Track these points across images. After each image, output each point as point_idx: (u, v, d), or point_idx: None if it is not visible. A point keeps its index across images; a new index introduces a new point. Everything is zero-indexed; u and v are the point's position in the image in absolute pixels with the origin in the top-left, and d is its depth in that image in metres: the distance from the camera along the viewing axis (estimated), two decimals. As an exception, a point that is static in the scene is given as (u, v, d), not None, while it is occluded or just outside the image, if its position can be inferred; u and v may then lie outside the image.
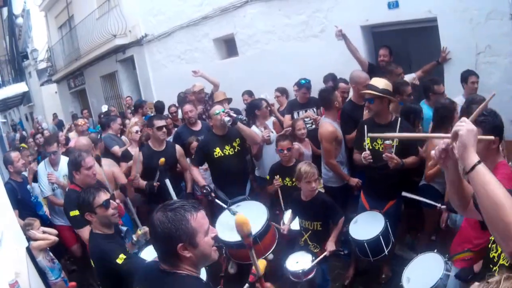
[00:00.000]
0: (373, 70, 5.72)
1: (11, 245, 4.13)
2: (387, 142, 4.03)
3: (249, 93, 7.51)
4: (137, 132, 6.55)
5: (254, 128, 5.67)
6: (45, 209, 6.01)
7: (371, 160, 4.18)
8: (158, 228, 1.88)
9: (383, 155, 4.04)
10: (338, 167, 4.99)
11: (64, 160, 5.24)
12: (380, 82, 4.23)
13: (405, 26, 6.26)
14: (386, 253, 3.99)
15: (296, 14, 7.61)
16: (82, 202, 3.23)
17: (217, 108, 5.08)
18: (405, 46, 6.46)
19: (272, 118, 6.38)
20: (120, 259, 2.97)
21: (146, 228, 3.58)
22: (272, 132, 5.70)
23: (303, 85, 6.21)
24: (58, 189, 5.46)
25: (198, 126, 6.22)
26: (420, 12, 5.88)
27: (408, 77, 5.51)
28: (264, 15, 8.21)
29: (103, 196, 3.22)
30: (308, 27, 7.49)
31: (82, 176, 4.14)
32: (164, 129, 5.38)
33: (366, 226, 4.08)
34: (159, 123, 5.26)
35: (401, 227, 4.87)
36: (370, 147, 4.29)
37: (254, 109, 6.00)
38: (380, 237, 3.89)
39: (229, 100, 6.90)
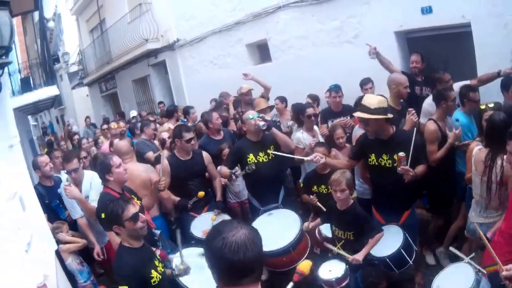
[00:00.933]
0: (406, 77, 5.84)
1: (40, 248, 4.26)
2: (401, 154, 3.98)
3: (282, 98, 7.59)
4: (163, 139, 6.78)
5: (299, 134, 5.74)
6: (67, 214, 5.95)
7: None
8: (257, 239, 1.82)
9: (398, 169, 4.00)
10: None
11: (87, 178, 5.18)
12: (373, 100, 4.20)
13: (439, 31, 6.43)
14: (411, 263, 4.08)
15: (330, 19, 7.90)
16: (110, 214, 3.30)
17: (251, 113, 5.18)
18: (440, 52, 6.62)
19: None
20: (153, 274, 3.21)
21: (186, 265, 3.67)
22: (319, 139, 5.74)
23: (332, 89, 6.49)
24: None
25: (220, 135, 6.34)
26: (454, 17, 6.04)
27: (457, 86, 5.46)
28: (297, 20, 8.54)
29: (131, 209, 3.28)
30: (342, 33, 7.76)
31: (115, 176, 4.27)
32: (193, 141, 5.49)
33: (386, 241, 4.07)
34: (187, 135, 5.28)
35: (430, 236, 5.13)
36: (376, 163, 4.33)
37: (299, 113, 6.02)
38: (402, 250, 3.96)
39: (271, 108, 7.05)
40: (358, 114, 4.31)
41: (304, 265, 2.82)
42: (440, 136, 4.67)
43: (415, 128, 4.35)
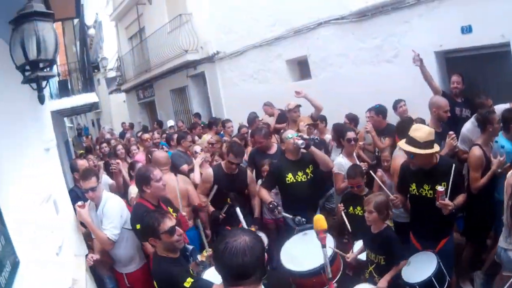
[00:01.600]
0: (446, 98, 5.87)
1: (71, 252, 4.35)
2: (439, 188, 4.01)
3: (321, 117, 7.82)
4: (198, 152, 7.01)
5: (340, 159, 5.80)
6: None
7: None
8: (256, 246, 2.03)
9: (437, 204, 4.04)
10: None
11: (102, 201, 4.74)
12: (422, 134, 4.20)
13: (479, 51, 6.55)
14: None
15: (370, 38, 8.16)
16: (146, 226, 3.46)
17: (290, 132, 5.38)
18: (479, 73, 6.76)
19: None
20: (188, 282, 3.21)
21: (210, 251, 3.91)
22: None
23: (371, 109, 6.82)
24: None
25: (273, 149, 6.45)
26: (493, 37, 6.15)
27: (499, 108, 5.43)
28: (337, 37, 8.83)
29: (168, 223, 3.41)
30: (381, 52, 8.00)
31: (152, 189, 4.48)
32: (235, 166, 5.61)
33: (418, 267, 4.13)
34: (234, 160, 5.52)
35: (464, 263, 5.17)
36: (417, 193, 4.38)
37: (339, 136, 6.19)
38: (433, 278, 3.97)
39: (315, 126, 7.15)
40: (407, 147, 4.25)
41: (320, 224, 3.22)
42: (485, 162, 4.70)
43: (453, 165, 4.26)
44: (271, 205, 5.08)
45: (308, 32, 9.52)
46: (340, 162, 5.77)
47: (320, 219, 3.18)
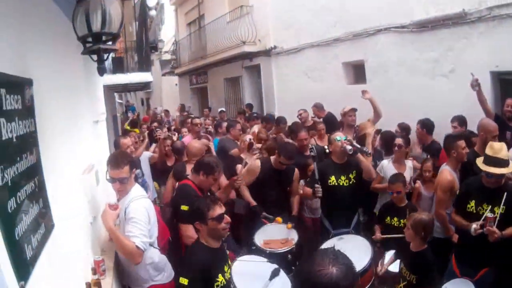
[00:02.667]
0: (498, 121, 5.96)
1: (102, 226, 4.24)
2: (489, 215, 4.05)
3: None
4: (250, 140, 6.88)
5: (385, 161, 6.07)
6: (148, 194, 6.09)
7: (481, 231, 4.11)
8: (341, 282, 1.88)
9: (484, 229, 4.05)
10: (446, 219, 5.08)
11: (125, 202, 3.89)
12: (504, 151, 4.25)
13: None
14: None
15: (428, 50, 8.38)
16: (196, 210, 3.53)
17: (338, 135, 5.44)
18: None
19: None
20: (220, 278, 3.42)
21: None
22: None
23: (420, 122, 6.93)
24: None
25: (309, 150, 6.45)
26: None
27: None
28: (396, 46, 9.10)
29: (218, 210, 3.47)
30: (438, 65, 8.21)
31: (206, 181, 4.63)
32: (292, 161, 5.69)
33: None
34: (287, 162, 5.58)
35: None
36: (474, 211, 4.37)
37: (388, 142, 6.45)
38: None
39: (378, 132, 7.15)
40: (501, 171, 4.18)
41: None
42: None
43: (506, 193, 4.19)
44: (317, 192, 5.22)
45: (367, 37, 9.82)
46: (383, 163, 6.09)
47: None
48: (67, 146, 3.61)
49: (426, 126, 7.02)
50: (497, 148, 4.30)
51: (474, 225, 4.14)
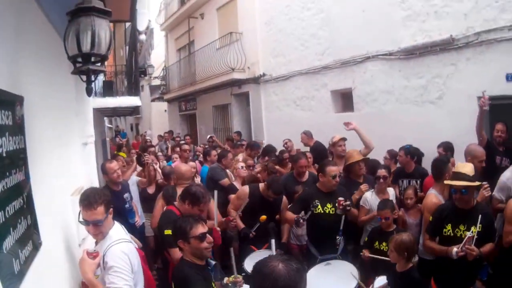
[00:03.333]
0: (489, 146, 6.06)
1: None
2: (469, 234, 4.16)
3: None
4: (242, 168, 7.12)
5: (368, 194, 5.98)
6: (137, 218, 6.46)
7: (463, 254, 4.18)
8: (278, 281, 2.00)
9: (463, 248, 4.13)
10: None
11: (115, 249, 3.35)
12: (470, 168, 4.46)
13: None
14: None
15: (416, 77, 8.47)
16: (178, 228, 3.55)
17: (335, 171, 5.49)
18: None
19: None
20: None
21: (239, 278, 3.97)
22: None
23: (401, 149, 6.92)
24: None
25: (305, 177, 6.74)
26: None
27: None
28: (384, 73, 9.17)
29: (200, 229, 3.50)
30: (426, 92, 8.28)
31: (191, 210, 4.51)
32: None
33: None
34: (274, 196, 5.63)
35: None
36: (451, 234, 4.46)
37: (371, 173, 6.44)
38: None
39: (365, 161, 6.81)
40: (461, 183, 4.37)
41: None
42: None
43: (484, 203, 4.55)
44: (296, 219, 5.26)
45: (355, 65, 9.91)
46: (366, 196, 5.98)
47: None
48: (56, 166, 3.64)
49: (411, 153, 6.94)
50: (461, 165, 4.60)
51: (455, 249, 4.21)
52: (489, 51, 7.11)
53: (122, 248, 3.36)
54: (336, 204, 5.32)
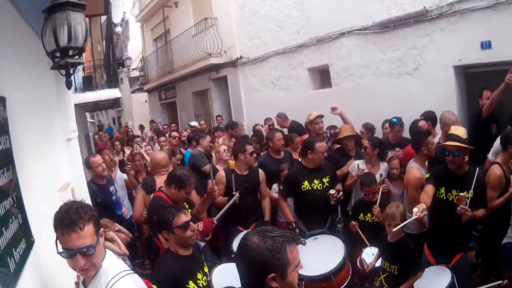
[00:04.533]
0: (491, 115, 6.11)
1: None
2: (461, 194, 4.13)
3: (333, 127, 7.56)
4: (224, 151, 6.94)
5: (359, 161, 5.94)
6: (124, 210, 6.47)
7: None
8: (253, 253, 1.94)
9: (457, 208, 4.10)
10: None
11: (121, 274, 2.48)
12: (463, 131, 4.42)
13: (498, 67, 6.50)
14: None
15: (391, 49, 8.35)
16: (161, 220, 3.50)
17: (323, 147, 5.52)
18: (496, 88, 6.50)
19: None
20: (191, 285, 3.35)
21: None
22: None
23: (396, 124, 6.67)
24: None
25: (281, 154, 6.65)
26: None
27: None
28: (359, 48, 9.04)
29: (183, 218, 3.45)
30: (402, 64, 8.18)
31: (178, 194, 4.55)
32: (255, 154, 5.80)
33: (432, 281, 4.13)
34: (250, 148, 5.64)
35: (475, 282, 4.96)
36: (444, 197, 4.44)
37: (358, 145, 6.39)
38: None
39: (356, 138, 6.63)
40: (454, 143, 4.35)
41: None
42: (504, 182, 4.62)
43: (477, 169, 4.47)
44: (290, 227, 5.33)
45: (330, 42, 9.75)
46: (355, 165, 5.89)
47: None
48: (42, 163, 3.55)
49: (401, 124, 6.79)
50: (454, 128, 4.56)
51: (415, 209, 4.06)
52: (463, 20, 7.01)
53: (128, 285, 2.47)
54: (330, 197, 5.26)
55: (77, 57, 3.31)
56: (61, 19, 3.07)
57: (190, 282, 3.37)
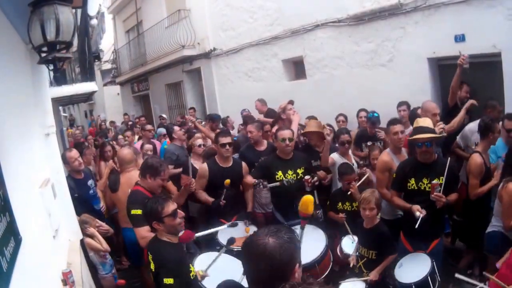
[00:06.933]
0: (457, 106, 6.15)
1: (66, 236, 4.48)
2: (434, 181, 4.24)
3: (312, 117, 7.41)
4: (200, 146, 6.80)
5: (335, 155, 5.93)
6: (102, 204, 6.34)
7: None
8: (278, 252, 1.86)
9: (431, 196, 4.24)
10: (389, 196, 4.91)
11: None
12: (428, 121, 4.55)
13: (471, 60, 6.31)
14: None
15: (366, 41, 8.26)
16: (150, 211, 3.45)
17: (286, 134, 5.35)
18: (470, 81, 6.58)
19: None
20: (191, 269, 3.43)
21: (208, 274, 3.86)
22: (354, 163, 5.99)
23: (370, 119, 6.74)
24: None
25: (263, 146, 6.37)
26: (485, 47, 6.29)
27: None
28: (334, 40, 8.90)
29: (171, 206, 3.45)
30: (376, 55, 8.10)
31: (154, 183, 4.52)
32: (228, 146, 5.52)
33: (412, 268, 4.19)
34: (223, 140, 5.48)
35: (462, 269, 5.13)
36: (416, 187, 4.48)
37: (334, 137, 6.29)
38: (428, 277, 4.01)
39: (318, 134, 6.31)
40: (426, 135, 4.38)
41: (306, 207, 3.12)
42: (484, 170, 4.80)
43: (449, 158, 4.54)
44: (257, 186, 5.27)
45: (305, 33, 9.59)
46: (334, 158, 5.90)
47: (308, 202, 3.13)
48: (22, 160, 3.44)
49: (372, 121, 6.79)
50: (421, 120, 4.62)
51: (417, 213, 4.26)
52: (437, 13, 6.96)
53: None
54: (305, 183, 5.24)
55: (64, 51, 3.27)
56: (48, 13, 3.01)
57: (190, 265, 3.52)
